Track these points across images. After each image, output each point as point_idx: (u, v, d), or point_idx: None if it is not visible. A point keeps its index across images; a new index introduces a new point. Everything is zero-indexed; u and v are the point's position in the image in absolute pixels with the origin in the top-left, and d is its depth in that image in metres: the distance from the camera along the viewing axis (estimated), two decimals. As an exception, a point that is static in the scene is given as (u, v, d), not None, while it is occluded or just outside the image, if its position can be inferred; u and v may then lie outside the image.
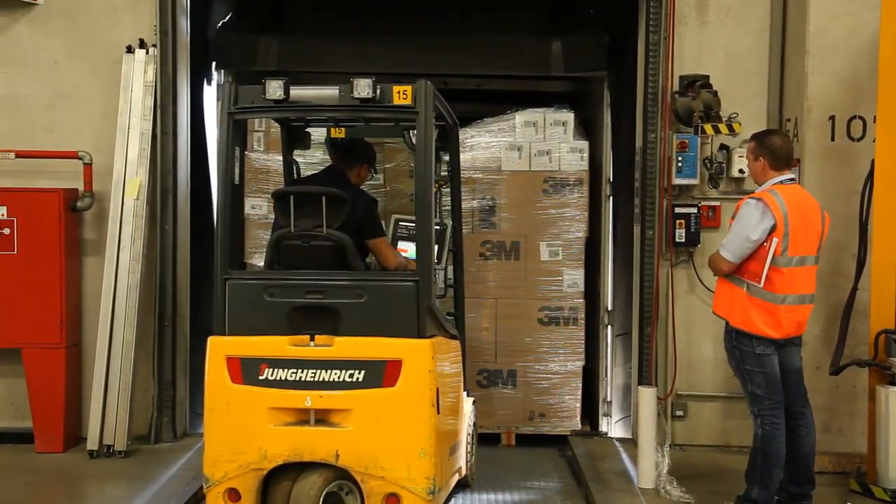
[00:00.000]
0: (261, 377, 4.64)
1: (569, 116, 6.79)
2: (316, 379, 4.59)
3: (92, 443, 6.20)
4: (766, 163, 5.03)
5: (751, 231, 4.88)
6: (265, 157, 6.89)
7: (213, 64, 7.15)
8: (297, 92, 4.72)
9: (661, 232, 6.43)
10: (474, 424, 5.76)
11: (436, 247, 5.13)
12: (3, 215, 6.38)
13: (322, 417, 4.63)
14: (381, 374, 4.56)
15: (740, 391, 5.19)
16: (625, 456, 6.32)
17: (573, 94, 7.77)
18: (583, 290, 6.78)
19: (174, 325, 6.58)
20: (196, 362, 6.80)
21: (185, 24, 6.70)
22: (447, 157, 5.78)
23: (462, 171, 6.73)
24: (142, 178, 6.43)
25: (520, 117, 6.79)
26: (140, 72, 6.52)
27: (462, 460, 5.43)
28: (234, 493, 4.68)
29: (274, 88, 4.65)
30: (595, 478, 5.78)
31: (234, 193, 5.01)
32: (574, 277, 6.76)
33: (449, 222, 5.71)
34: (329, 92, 4.74)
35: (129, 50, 6.53)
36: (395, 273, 5.09)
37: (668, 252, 6.44)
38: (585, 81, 7.60)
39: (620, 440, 6.74)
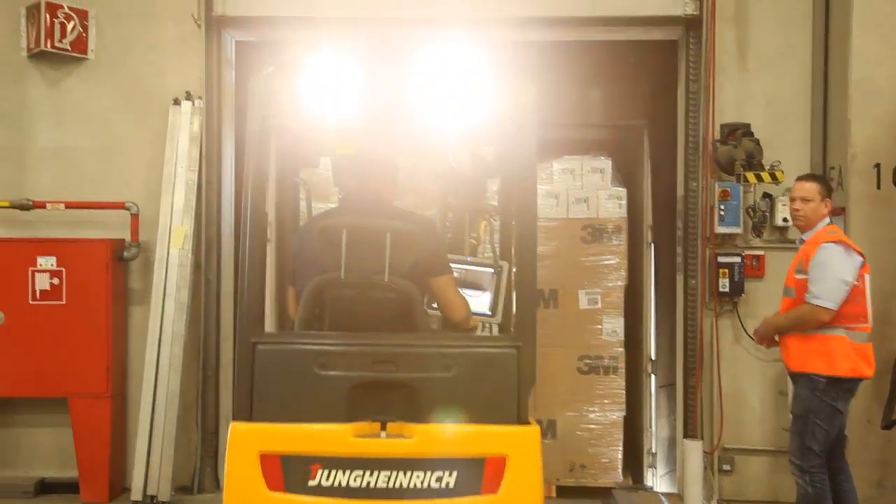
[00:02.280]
0: (312, 482, 3.42)
1: (607, 164, 6.79)
2: (390, 485, 3.42)
3: (136, 493, 6.25)
4: (829, 203, 5.08)
5: (845, 273, 4.85)
6: (307, 206, 6.94)
7: (258, 115, 7.25)
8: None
9: (703, 281, 6.38)
10: None
11: (488, 294, 4.34)
12: (52, 265, 6.51)
13: None
14: (479, 475, 3.42)
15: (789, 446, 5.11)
16: (671, 512, 6.23)
17: (611, 141, 7.78)
18: (623, 338, 6.73)
19: (217, 375, 6.64)
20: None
21: (230, 76, 6.84)
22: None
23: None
24: (187, 227, 6.53)
25: (557, 164, 6.80)
26: (186, 123, 6.64)
27: None
28: None
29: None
30: (641, 534, 5.65)
31: (262, 227, 3.80)
32: (614, 326, 6.72)
33: (505, 264, 4.50)
34: None
35: (176, 102, 6.65)
36: (492, 338, 4.08)
37: (711, 302, 6.39)
38: (624, 129, 7.61)
39: (666, 495, 6.61)
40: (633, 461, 7.10)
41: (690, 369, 6.40)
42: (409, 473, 3.43)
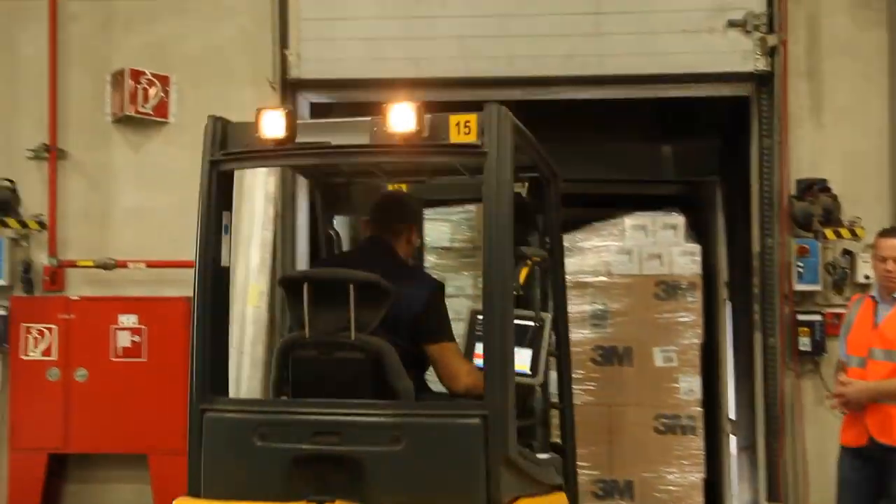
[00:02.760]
0: None
1: (679, 220, 6.72)
2: None
3: (213, 549, 6.33)
4: None
5: None
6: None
7: (331, 174, 7.38)
8: (306, 125, 3.48)
9: (783, 340, 6.25)
10: None
11: (529, 351, 3.82)
12: (133, 323, 6.69)
13: None
14: None
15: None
16: (754, 578, 6.05)
17: (683, 197, 7.71)
18: (700, 397, 6.60)
19: (292, 431, 6.69)
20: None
21: (304, 137, 6.97)
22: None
23: (572, 275, 6.72)
24: (262, 285, 6.65)
25: (629, 221, 6.75)
26: (262, 183, 6.79)
27: None
28: None
29: (273, 123, 3.33)
30: None
31: (219, 281, 3.60)
32: (691, 384, 6.59)
33: (547, 316, 4.02)
34: (354, 127, 3.39)
35: (252, 164, 6.84)
36: (451, 404, 3.46)
37: (791, 361, 6.24)
38: (696, 185, 7.55)
39: (749, 560, 6.46)
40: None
41: (772, 430, 6.23)
42: None
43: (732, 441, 6.89)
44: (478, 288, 5.13)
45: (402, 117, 3.22)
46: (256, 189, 6.77)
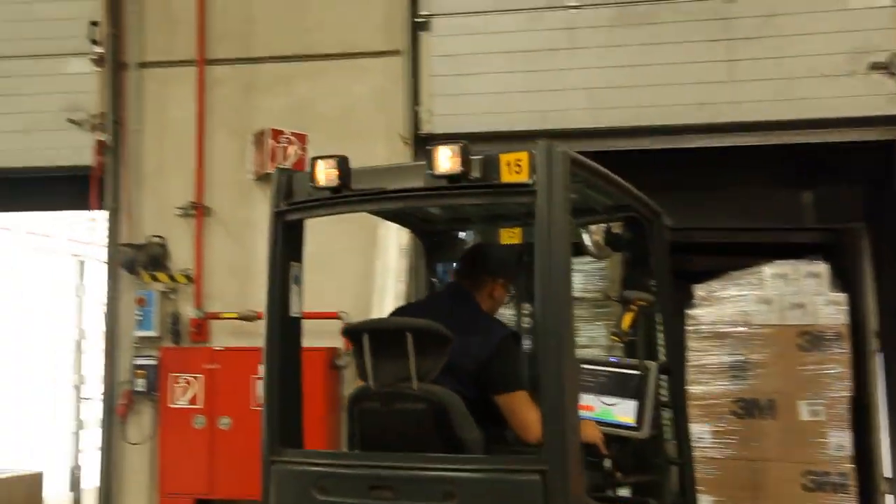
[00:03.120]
0: None
1: (823, 268, 6.45)
2: None
3: None
4: None
5: None
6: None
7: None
8: (360, 175, 3.41)
9: (940, 394, 5.90)
10: None
11: (634, 402, 3.71)
12: (272, 374, 6.88)
13: None
14: None
15: None
16: None
17: (825, 244, 7.41)
18: (852, 454, 6.26)
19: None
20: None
21: (435, 189, 7.08)
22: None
23: (709, 325, 6.56)
24: (395, 337, 6.74)
25: (769, 269, 6.53)
26: (395, 236, 6.92)
27: None
28: None
29: (325, 172, 3.31)
30: None
31: (291, 332, 3.60)
32: (840, 440, 6.26)
33: (653, 365, 3.85)
34: (406, 172, 3.42)
35: (386, 217, 6.99)
36: (508, 458, 3.37)
37: (950, 416, 5.87)
38: (840, 231, 7.24)
39: None
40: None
41: (931, 491, 5.86)
42: None
43: (889, 501, 6.48)
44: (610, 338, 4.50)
45: (448, 158, 3.13)
46: (390, 242, 6.91)
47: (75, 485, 10.07)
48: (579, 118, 6.61)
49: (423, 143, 6.95)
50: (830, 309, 6.40)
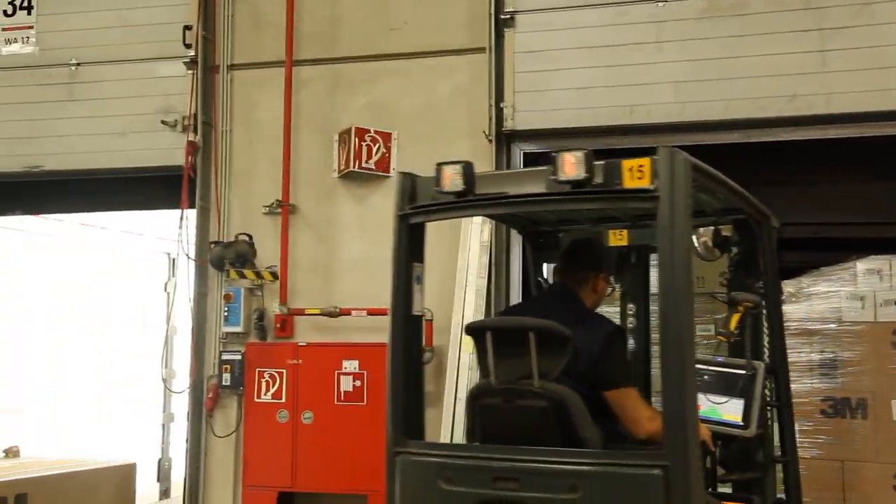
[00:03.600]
0: None
1: (919, 263, 6.23)
2: None
3: (428, 592, 6.37)
4: None
5: None
6: (593, 311, 6.96)
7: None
8: (484, 180, 3.58)
9: None
10: None
11: (741, 401, 3.78)
12: (355, 368, 6.96)
13: None
14: None
15: None
16: None
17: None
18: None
19: (505, 478, 6.68)
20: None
21: (518, 187, 7.09)
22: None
23: (798, 322, 6.39)
24: (477, 333, 6.75)
25: (861, 265, 6.33)
26: (477, 232, 6.94)
27: None
28: None
29: (451, 177, 3.50)
30: None
31: (413, 329, 3.73)
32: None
33: (760, 364, 3.93)
34: (530, 176, 3.51)
35: (467, 213, 7.01)
36: (630, 453, 3.36)
37: None
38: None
39: None
40: None
41: None
42: None
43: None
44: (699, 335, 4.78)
45: (573, 164, 3.23)
46: (472, 238, 6.93)
47: (164, 476, 10.32)
48: (666, 112, 6.54)
49: (506, 141, 6.98)
50: (928, 307, 6.18)
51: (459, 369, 6.72)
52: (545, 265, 4.50)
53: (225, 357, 7.42)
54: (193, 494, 7.37)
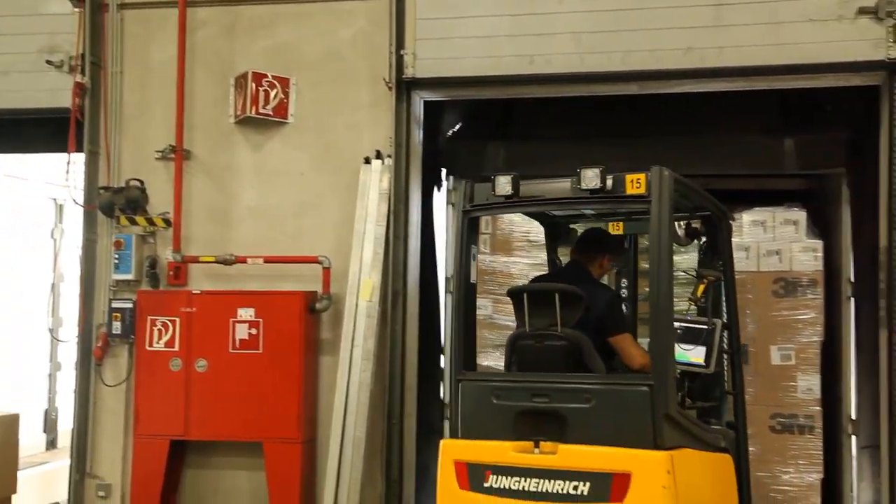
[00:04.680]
0: (486, 484, 4.41)
1: (800, 215, 6.52)
2: (539, 489, 4.29)
3: (324, 535, 6.42)
4: None
5: None
6: (490, 259, 7.08)
7: (443, 170, 7.48)
8: (526, 187, 4.66)
9: (911, 337, 5.97)
10: None
11: (704, 348, 4.85)
12: (251, 317, 6.86)
13: None
14: (607, 487, 4.15)
15: None
16: (877, 583, 5.76)
17: (805, 191, 7.45)
18: (819, 396, 6.36)
19: (402, 424, 6.74)
20: (422, 461, 6.94)
21: (417, 135, 7.08)
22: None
23: (686, 271, 6.61)
24: (375, 280, 6.74)
25: (747, 217, 6.59)
26: (376, 180, 6.90)
27: None
28: None
29: (503, 184, 4.66)
30: None
31: (470, 292, 4.89)
32: (809, 383, 6.38)
33: (719, 321, 5.10)
34: (558, 185, 4.63)
35: (367, 161, 6.94)
36: (628, 376, 4.71)
37: (920, 358, 5.96)
38: (819, 178, 7.28)
39: (871, 564, 6.17)
40: (833, 528, 6.65)
41: (897, 430, 5.96)
42: (553, 481, 4.29)
43: (853, 441, 6.58)
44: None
45: (591, 178, 4.43)
46: (371, 187, 6.89)
47: (50, 427, 10.04)
48: (566, 62, 6.58)
49: (406, 89, 6.93)
50: (806, 256, 6.49)
51: (357, 317, 6.71)
52: (559, 249, 5.74)
53: (115, 305, 7.23)
54: (81, 444, 7.20)
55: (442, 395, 7.24)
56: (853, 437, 6.57)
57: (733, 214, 6.49)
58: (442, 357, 7.29)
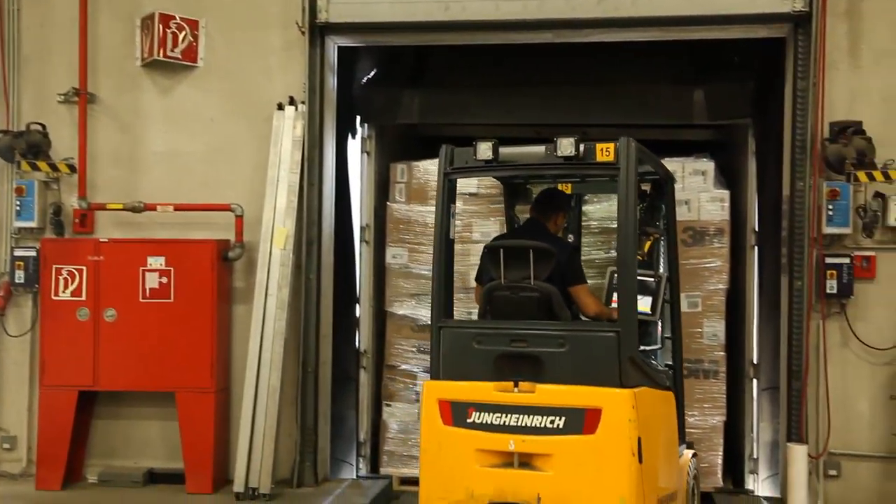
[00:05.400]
0: (469, 420, 4.83)
1: (709, 165, 6.66)
2: (519, 424, 4.72)
3: (238, 485, 6.39)
4: None
5: None
6: (406, 208, 7.06)
7: (358, 118, 7.40)
8: (505, 151, 4.95)
9: (810, 283, 6.19)
10: (695, 478, 5.73)
11: (650, 298, 5.30)
12: (161, 265, 6.74)
13: (525, 461, 4.75)
14: (580, 421, 4.61)
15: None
16: (773, 517, 6.06)
17: (714, 142, 7.61)
18: (724, 342, 6.57)
19: (316, 372, 6.74)
20: (338, 409, 6.97)
21: (332, 81, 6.97)
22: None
23: (599, 222, 6.72)
24: (289, 228, 6.67)
25: (656, 167, 6.69)
26: (289, 127, 6.79)
27: None
28: None
29: (483, 150, 4.94)
30: (742, 539, 5.56)
31: (449, 248, 5.18)
32: (714, 329, 6.57)
33: (663, 274, 5.60)
34: (535, 151, 4.92)
35: (280, 107, 6.82)
36: (598, 324, 5.13)
37: (818, 304, 6.19)
38: (727, 129, 7.45)
39: (769, 499, 6.44)
40: (735, 466, 6.91)
41: (795, 372, 6.20)
42: (532, 417, 4.71)
43: (754, 384, 6.83)
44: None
45: (567, 146, 4.76)
46: (284, 134, 6.78)
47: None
48: (481, 9, 6.52)
49: (320, 33, 6.79)
50: (713, 206, 6.63)
51: (271, 265, 6.64)
52: (516, 207, 6.04)
53: (18, 253, 7.03)
54: (-15, 396, 7.02)
55: (358, 343, 7.24)
56: (754, 381, 6.82)
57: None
58: (357, 306, 7.28)
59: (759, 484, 6.65)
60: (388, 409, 7.05)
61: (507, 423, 4.74)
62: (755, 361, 6.82)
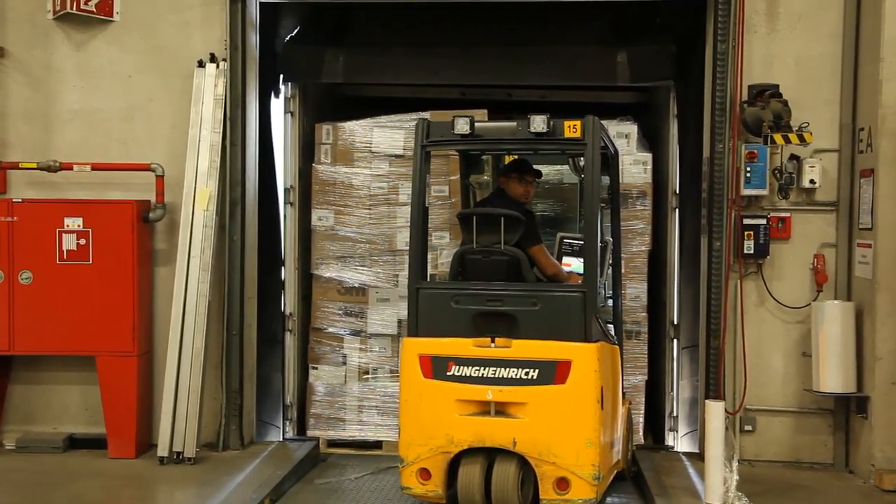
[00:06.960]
0: (448, 373, 5.26)
1: (632, 128, 6.73)
2: (496, 375, 5.18)
3: (162, 449, 6.34)
4: None
5: None
6: (332, 170, 6.99)
7: (281, 76, 7.26)
8: (480, 126, 5.38)
9: (729, 243, 6.35)
10: (630, 423, 6.26)
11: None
12: (79, 226, 6.57)
13: (501, 409, 5.21)
14: (552, 372, 5.12)
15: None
16: (692, 471, 6.25)
17: (637, 104, 7.69)
18: (646, 303, 6.71)
19: (241, 335, 6.69)
20: (263, 371, 6.93)
21: (254, 39, 6.83)
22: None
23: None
24: (211, 189, 6.56)
25: (581, 129, 6.74)
26: (210, 85, 6.65)
27: (619, 455, 5.90)
28: (425, 473, 5.31)
29: (461, 125, 5.34)
30: (661, 493, 5.73)
31: (425, 215, 5.60)
32: (637, 291, 6.71)
33: (609, 240, 6.07)
34: (508, 126, 5.41)
35: (201, 64, 6.67)
36: (566, 285, 5.68)
37: (736, 264, 6.36)
38: (650, 92, 7.53)
39: (687, 455, 6.65)
40: (656, 424, 7.11)
41: (714, 331, 6.38)
42: (508, 369, 5.19)
43: (675, 344, 7.01)
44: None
45: (540, 122, 5.24)
46: (205, 92, 6.63)
47: None
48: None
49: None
50: (636, 168, 6.72)
51: (193, 227, 6.53)
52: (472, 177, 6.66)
53: (-74, 215, 6.75)
54: None
55: (283, 306, 7.19)
56: (675, 341, 7.00)
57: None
58: (283, 268, 7.21)
59: (679, 440, 6.86)
60: (314, 372, 7.04)
61: (484, 376, 5.19)
62: (675, 322, 6.99)
